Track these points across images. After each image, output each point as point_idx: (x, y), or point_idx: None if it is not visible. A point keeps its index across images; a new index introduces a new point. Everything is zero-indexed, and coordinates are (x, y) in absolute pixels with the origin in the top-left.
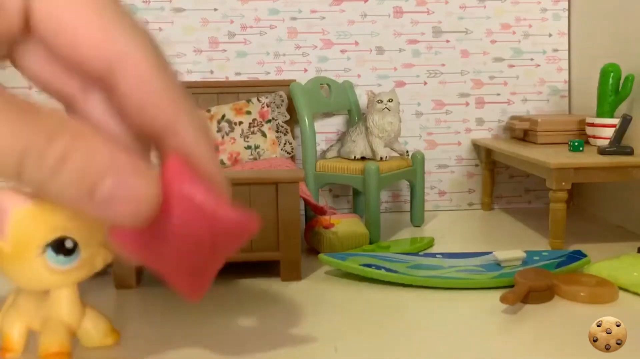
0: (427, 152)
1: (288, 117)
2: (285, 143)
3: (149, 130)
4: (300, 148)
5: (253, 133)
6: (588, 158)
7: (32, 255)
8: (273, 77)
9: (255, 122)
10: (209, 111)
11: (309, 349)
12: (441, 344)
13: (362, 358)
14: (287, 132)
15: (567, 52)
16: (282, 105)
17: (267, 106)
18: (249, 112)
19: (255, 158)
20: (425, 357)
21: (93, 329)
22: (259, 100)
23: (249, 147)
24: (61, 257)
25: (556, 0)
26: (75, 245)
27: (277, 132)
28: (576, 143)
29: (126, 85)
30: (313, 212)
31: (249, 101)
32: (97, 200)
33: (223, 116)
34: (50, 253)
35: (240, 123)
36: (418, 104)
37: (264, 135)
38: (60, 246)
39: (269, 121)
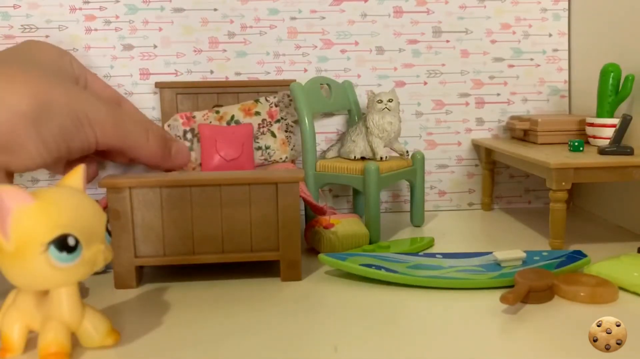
0: (427, 152)
1: (296, 117)
2: (295, 144)
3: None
4: (300, 148)
5: (263, 134)
6: (588, 158)
7: (34, 252)
8: (273, 77)
9: (265, 122)
10: (217, 112)
11: (309, 349)
12: (441, 344)
13: (362, 357)
14: (296, 131)
15: (567, 52)
16: (290, 104)
17: (276, 106)
18: (257, 113)
19: (266, 159)
20: (425, 357)
21: (93, 329)
22: (267, 100)
23: (259, 148)
24: (64, 254)
25: (556, 0)
26: (77, 242)
27: (286, 131)
28: (576, 143)
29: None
30: (313, 212)
31: (257, 101)
32: (171, 155)
33: (232, 117)
34: (53, 250)
35: (250, 124)
36: (418, 104)
37: (273, 135)
38: (62, 244)
39: (278, 121)
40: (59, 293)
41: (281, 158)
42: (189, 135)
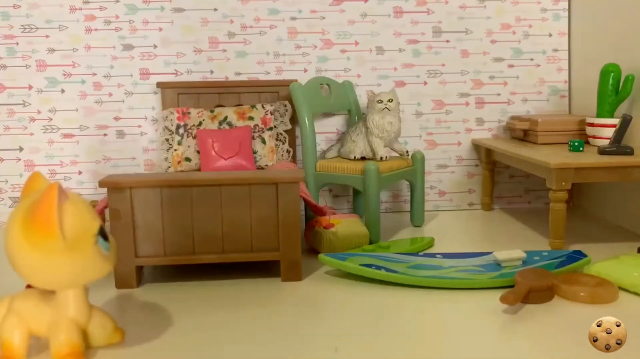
0: (427, 152)
1: (289, 127)
2: (283, 152)
3: None
4: (300, 148)
5: (253, 138)
6: (588, 158)
7: (89, 244)
8: (273, 77)
9: (257, 128)
10: (212, 111)
11: (309, 349)
12: (441, 344)
13: (362, 357)
14: (286, 140)
15: (567, 52)
16: (285, 114)
17: (271, 114)
18: (251, 118)
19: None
20: (425, 356)
21: (101, 328)
22: (263, 107)
23: None
24: (106, 243)
25: (556, 0)
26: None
27: (276, 140)
28: (576, 143)
29: None
30: (313, 213)
31: (253, 106)
32: None
33: (225, 118)
34: (100, 239)
35: (248, 126)
36: (418, 104)
37: (263, 141)
38: (103, 233)
39: (270, 129)
40: (66, 294)
41: (267, 165)
42: (181, 130)
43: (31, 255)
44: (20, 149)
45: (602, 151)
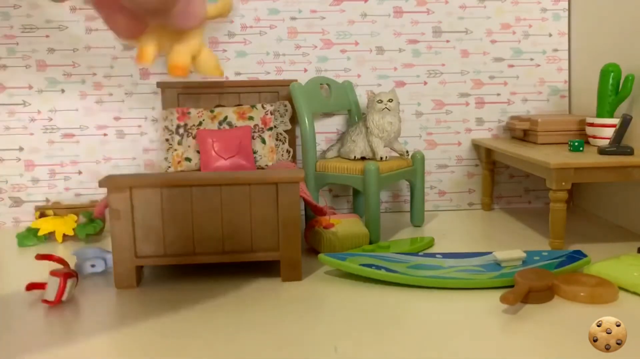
0: (427, 152)
1: (289, 127)
2: (283, 152)
3: None
4: (300, 148)
5: (253, 138)
6: (588, 158)
7: None
8: (273, 77)
9: (257, 127)
10: (212, 111)
11: (309, 349)
12: (441, 344)
13: (362, 357)
14: (285, 140)
15: (567, 52)
16: (285, 114)
17: (271, 114)
18: (251, 118)
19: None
20: (425, 357)
21: (206, 61)
22: (263, 107)
23: None
24: None
25: (556, 0)
26: None
27: (276, 139)
28: (576, 143)
29: None
30: (313, 213)
31: (253, 106)
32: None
33: (225, 118)
34: None
35: (248, 126)
36: (418, 104)
37: (263, 141)
38: None
39: (271, 129)
40: (191, 33)
41: (267, 165)
42: (181, 130)
43: None
44: (20, 149)
45: (602, 151)
